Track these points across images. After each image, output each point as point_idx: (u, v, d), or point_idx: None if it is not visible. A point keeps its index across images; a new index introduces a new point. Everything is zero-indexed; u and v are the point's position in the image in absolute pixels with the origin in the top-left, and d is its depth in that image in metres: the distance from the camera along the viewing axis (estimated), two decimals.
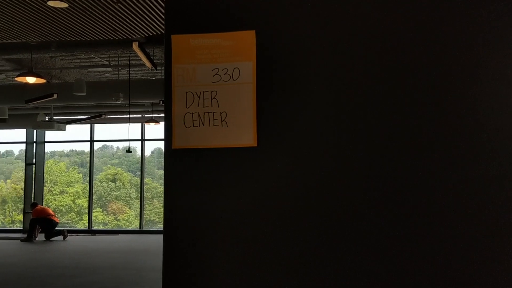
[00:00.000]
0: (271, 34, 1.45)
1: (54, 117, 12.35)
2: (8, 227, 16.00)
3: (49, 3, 4.95)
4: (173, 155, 1.48)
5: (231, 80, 1.47)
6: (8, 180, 17.11)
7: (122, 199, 16.71)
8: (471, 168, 1.32)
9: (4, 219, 16.56)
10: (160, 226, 14.62)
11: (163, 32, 1.54)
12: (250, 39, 1.46)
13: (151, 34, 6.02)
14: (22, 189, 15.64)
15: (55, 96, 9.02)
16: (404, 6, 1.39)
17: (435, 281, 1.31)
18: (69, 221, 16.27)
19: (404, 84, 1.38)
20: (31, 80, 7.40)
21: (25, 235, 12.44)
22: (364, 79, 1.40)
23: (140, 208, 14.81)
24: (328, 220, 1.38)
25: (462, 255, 1.31)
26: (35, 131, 14.78)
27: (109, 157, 17.72)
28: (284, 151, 1.42)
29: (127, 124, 13.16)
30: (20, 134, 15.32)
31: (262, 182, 1.42)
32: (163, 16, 5.28)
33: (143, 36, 6.10)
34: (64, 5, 5.00)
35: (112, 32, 5.89)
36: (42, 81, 7.57)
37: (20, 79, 7.41)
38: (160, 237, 1.55)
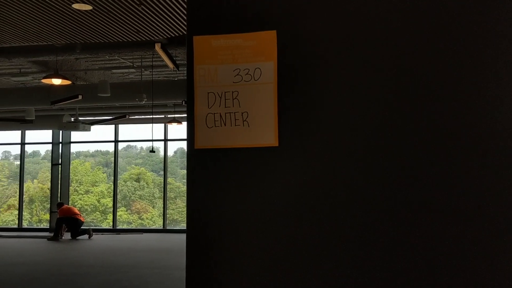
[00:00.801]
0: (292, 34, 1.45)
1: (79, 118, 12.57)
2: (35, 226, 16.35)
3: (74, 6, 5.04)
4: (195, 155, 1.49)
5: (253, 80, 1.48)
6: (35, 180, 17.48)
7: (146, 199, 16.90)
8: (497, 171, 1.30)
9: (31, 218, 16.93)
10: (183, 225, 14.74)
11: (185, 33, 1.56)
12: (271, 39, 1.47)
13: (173, 35, 6.07)
14: (48, 188, 15.97)
15: (80, 97, 9.19)
16: (426, 7, 1.37)
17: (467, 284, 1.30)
18: (94, 220, 16.54)
19: (430, 85, 1.36)
20: (56, 81, 7.55)
21: (52, 234, 12.70)
22: (388, 79, 1.39)
23: (164, 208, 14.96)
24: (351, 221, 1.37)
25: (489, 257, 1.29)
26: (61, 131, 15.08)
27: (133, 157, 17.94)
28: (306, 151, 1.42)
29: (150, 124, 13.31)
30: (46, 134, 15.65)
31: (284, 182, 1.42)
32: (185, 18, 5.32)
33: (165, 37, 6.16)
34: (88, 7, 5.09)
35: (135, 33, 5.96)
36: (67, 82, 7.72)
37: (46, 80, 7.57)
38: (183, 236, 1.56)
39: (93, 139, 16.11)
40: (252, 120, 1.46)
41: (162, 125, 14.78)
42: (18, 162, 16.37)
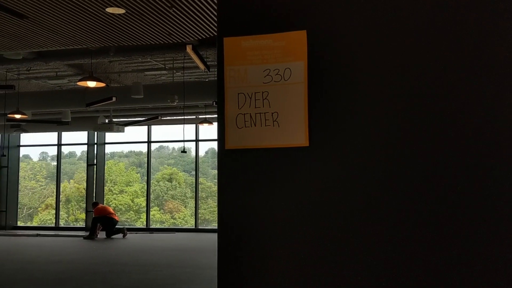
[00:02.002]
0: (323, 34, 1.45)
1: (114, 119, 12.84)
2: (71, 225, 16.78)
3: (107, 9, 5.15)
4: (226, 155, 1.50)
5: (283, 81, 1.48)
6: (71, 180, 17.95)
7: (178, 198, 17.11)
8: None
9: (68, 217, 17.39)
10: (214, 225, 14.85)
11: (216, 34, 1.57)
12: (301, 39, 1.47)
13: (204, 37, 6.13)
14: (84, 188, 16.37)
15: (114, 99, 9.37)
16: (464, 7, 1.34)
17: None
18: (128, 220, 16.85)
19: (463, 84, 1.33)
20: (91, 84, 7.72)
21: (87, 233, 13.00)
22: (419, 78, 1.36)
23: (195, 207, 15.11)
24: (381, 221, 1.36)
25: None
26: (95, 133, 15.42)
27: (165, 157, 18.20)
28: (337, 150, 1.41)
29: (182, 125, 13.47)
30: (82, 136, 16.05)
31: (315, 182, 1.42)
32: (215, 19, 5.36)
33: (196, 39, 6.22)
34: (121, 11, 5.19)
35: (167, 36, 6.04)
36: (102, 85, 7.88)
37: (81, 83, 7.75)
38: (215, 236, 1.58)
39: (126, 140, 16.40)
40: (282, 120, 1.47)
41: (194, 125, 14.92)
42: (55, 163, 16.84)
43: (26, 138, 16.84)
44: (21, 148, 16.89)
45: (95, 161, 15.79)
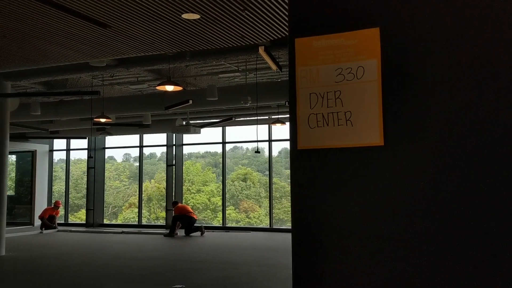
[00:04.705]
0: (396, 31, 1.41)
1: (190, 122, 13.26)
2: (153, 223, 17.54)
3: (183, 16, 5.33)
4: (298, 155, 1.51)
5: (355, 79, 1.46)
6: (152, 180, 18.76)
7: (253, 198, 17.32)
8: None
9: (149, 215, 18.18)
10: (289, 225, 14.85)
11: (287, 34, 1.59)
12: (374, 36, 1.44)
13: (276, 38, 6.16)
14: (164, 188, 17.04)
15: (190, 102, 9.67)
16: None
17: None
18: (206, 218, 17.31)
19: None
20: (169, 88, 8.01)
21: (168, 231, 13.51)
22: (496, 75, 1.29)
23: (270, 207, 15.22)
24: (459, 222, 1.30)
25: None
26: (174, 134, 16.01)
27: (240, 157, 18.49)
28: (413, 149, 1.37)
29: (255, 125, 13.62)
30: (161, 137, 16.72)
31: (390, 182, 1.39)
32: (287, 19, 5.37)
33: (268, 40, 6.27)
34: (196, 16, 5.35)
35: (240, 38, 6.15)
36: (179, 88, 8.15)
37: (160, 87, 8.06)
38: (289, 236, 1.59)
39: (203, 141, 16.86)
40: (355, 119, 1.45)
41: (267, 126, 15.03)
42: (137, 164, 17.68)
43: (110, 140, 17.85)
44: (106, 150, 17.92)
45: (174, 162, 16.39)
